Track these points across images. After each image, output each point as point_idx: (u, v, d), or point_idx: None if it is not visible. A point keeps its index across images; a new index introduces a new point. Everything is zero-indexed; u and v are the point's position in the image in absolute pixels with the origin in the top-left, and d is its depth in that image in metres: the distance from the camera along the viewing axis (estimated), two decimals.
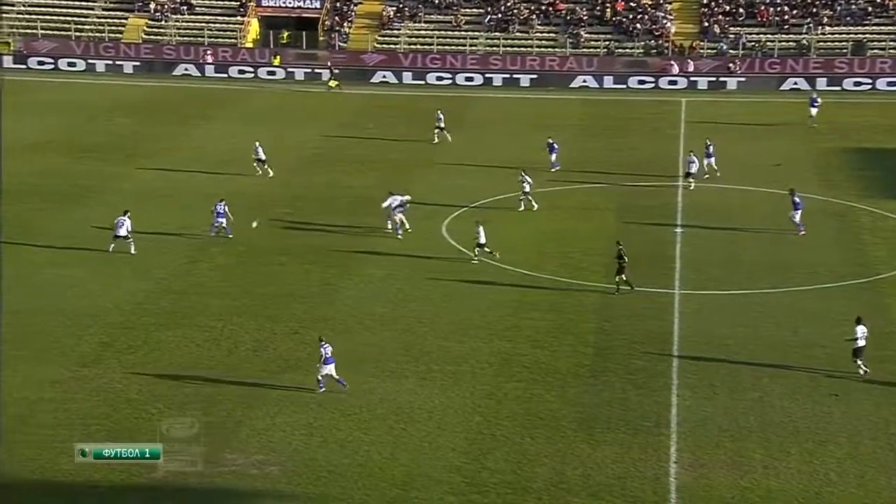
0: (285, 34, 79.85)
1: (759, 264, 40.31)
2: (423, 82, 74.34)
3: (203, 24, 79.85)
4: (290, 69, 75.51)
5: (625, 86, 73.00)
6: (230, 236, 41.74)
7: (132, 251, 39.99)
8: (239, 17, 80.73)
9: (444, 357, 32.38)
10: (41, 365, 31.01)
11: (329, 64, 74.42)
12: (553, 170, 51.49)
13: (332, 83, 72.09)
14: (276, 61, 76.46)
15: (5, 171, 50.15)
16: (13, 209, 45.12)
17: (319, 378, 29.80)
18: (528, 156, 52.35)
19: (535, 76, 74.39)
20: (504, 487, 25.67)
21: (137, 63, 76.55)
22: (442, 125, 57.56)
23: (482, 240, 39.61)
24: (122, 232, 39.96)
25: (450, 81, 74.48)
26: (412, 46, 78.21)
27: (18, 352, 31.66)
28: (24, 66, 75.66)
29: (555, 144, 52.14)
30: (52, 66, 75.91)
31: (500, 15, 78.92)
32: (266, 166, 50.79)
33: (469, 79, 74.59)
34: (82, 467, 25.68)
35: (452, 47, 77.82)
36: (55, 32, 78.74)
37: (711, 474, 26.32)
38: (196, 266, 39.60)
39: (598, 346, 33.34)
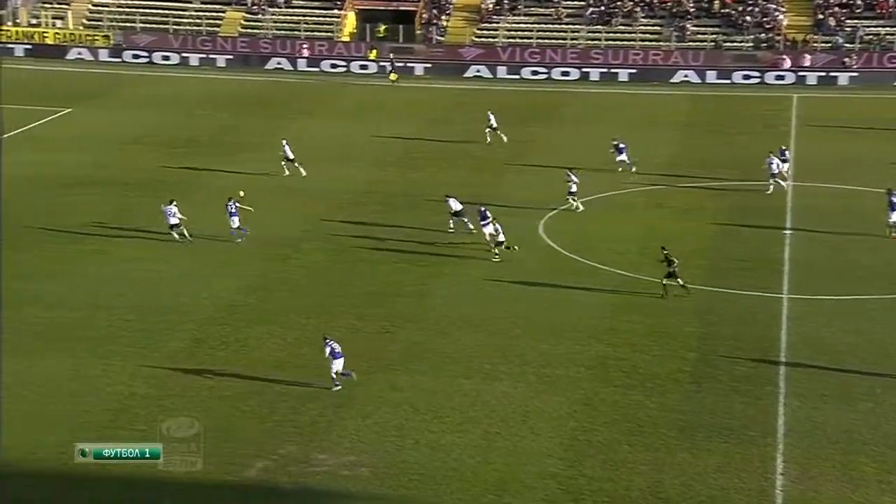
0: (382, 28, 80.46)
1: (872, 268, 39.38)
2: (517, 77, 74.28)
3: (300, 18, 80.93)
4: (382, 63, 76.09)
5: (729, 81, 71.91)
6: (239, 240, 41.33)
7: (187, 237, 40.93)
8: (336, 11, 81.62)
9: (538, 360, 32.32)
10: (135, 360, 31.79)
11: (391, 56, 75.19)
12: (620, 170, 50.58)
13: (392, 76, 72.84)
14: (373, 55, 77.10)
15: (102, 165, 51.68)
16: (108, 204, 46.33)
17: (333, 376, 30.08)
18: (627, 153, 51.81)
19: (634, 71, 73.74)
20: (601, 495, 25.54)
21: (231, 56, 77.88)
22: (494, 125, 56.43)
23: (500, 238, 39.56)
24: (174, 220, 40.78)
25: (545, 76, 74.25)
26: (511, 40, 78.19)
27: (113, 346, 32.54)
28: (119, 60, 77.58)
29: (621, 144, 51.27)
30: (147, 60, 77.63)
31: (602, 7, 78.39)
32: (297, 165, 50.10)
33: (565, 73, 74.24)
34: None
35: (552, 41, 77.58)
36: (153, 26, 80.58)
37: (820, 487, 25.82)
38: (287, 263, 40.15)
39: (701, 351, 32.94)
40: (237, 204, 41.78)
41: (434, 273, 39.06)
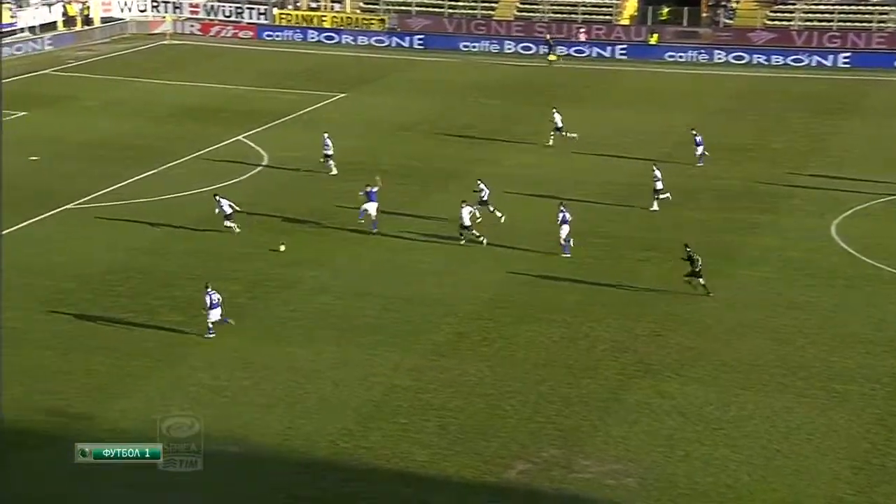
0: (665, 10, 79.26)
1: None
2: (812, 63, 71.32)
3: (577, 1, 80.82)
4: (664, 48, 74.87)
5: None
6: (362, 220, 41.42)
7: (235, 229, 41.06)
8: None
9: (826, 373, 30.89)
10: (399, 351, 32.61)
11: (548, 37, 75.23)
12: (699, 164, 49.21)
13: (552, 57, 73.06)
14: (653, 40, 76.08)
15: (373, 151, 53.39)
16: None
17: (210, 325, 32.57)
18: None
19: None
20: None
21: (507, 41, 78.68)
22: (559, 125, 53.66)
23: (466, 222, 39.91)
24: (229, 210, 41.06)
25: (847, 63, 70.93)
26: (808, 23, 75.18)
27: (376, 336, 33.54)
28: (394, 44, 79.91)
29: (697, 136, 49.82)
30: (422, 44, 79.53)
31: None
32: (331, 162, 48.99)
33: (870, 60, 70.64)
34: (435, 460, 26.78)
35: (856, 24, 74.03)
36: (428, 9, 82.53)
37: None
38: (553, 258, 40.08)
39: None
40: (373, 189, 41.98)
41: (711, 273, 37.99)
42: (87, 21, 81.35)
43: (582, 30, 77.95)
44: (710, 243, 40.58)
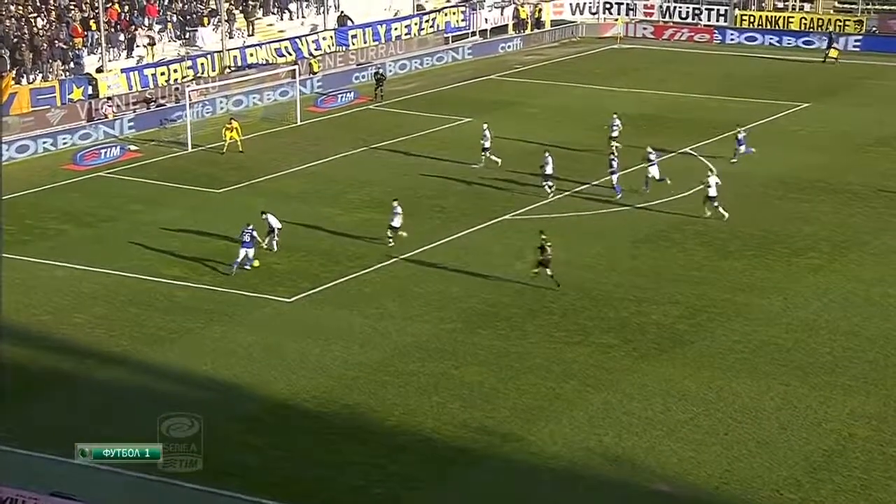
0: None
1: None
2: None
3: None
4: None
5: None
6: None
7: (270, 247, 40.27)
8: None
9: None
10: (858, 396, 30.94)
11: (831, 31, 73.04)
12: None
13: (833, 53, 71.36)
14: None
15: (836, 168, 51.23)
16: (838, 213, 45.54)
17: (237, 261, 37.60)
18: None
19: None
20: None
21: None
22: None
23: (395, 223, 41.15)
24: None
25: None
26: None
27: (832, 377, 32.04)
28: (869, 49, 75.94)
29: (739, 135, 51.31)
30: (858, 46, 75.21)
31: None
32: (489, 154, 51.10)
33: None
34: None
35: None
36: None
37: None
38: None
39: None
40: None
41: None
42: (538, 24, 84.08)
43: None
44: None
